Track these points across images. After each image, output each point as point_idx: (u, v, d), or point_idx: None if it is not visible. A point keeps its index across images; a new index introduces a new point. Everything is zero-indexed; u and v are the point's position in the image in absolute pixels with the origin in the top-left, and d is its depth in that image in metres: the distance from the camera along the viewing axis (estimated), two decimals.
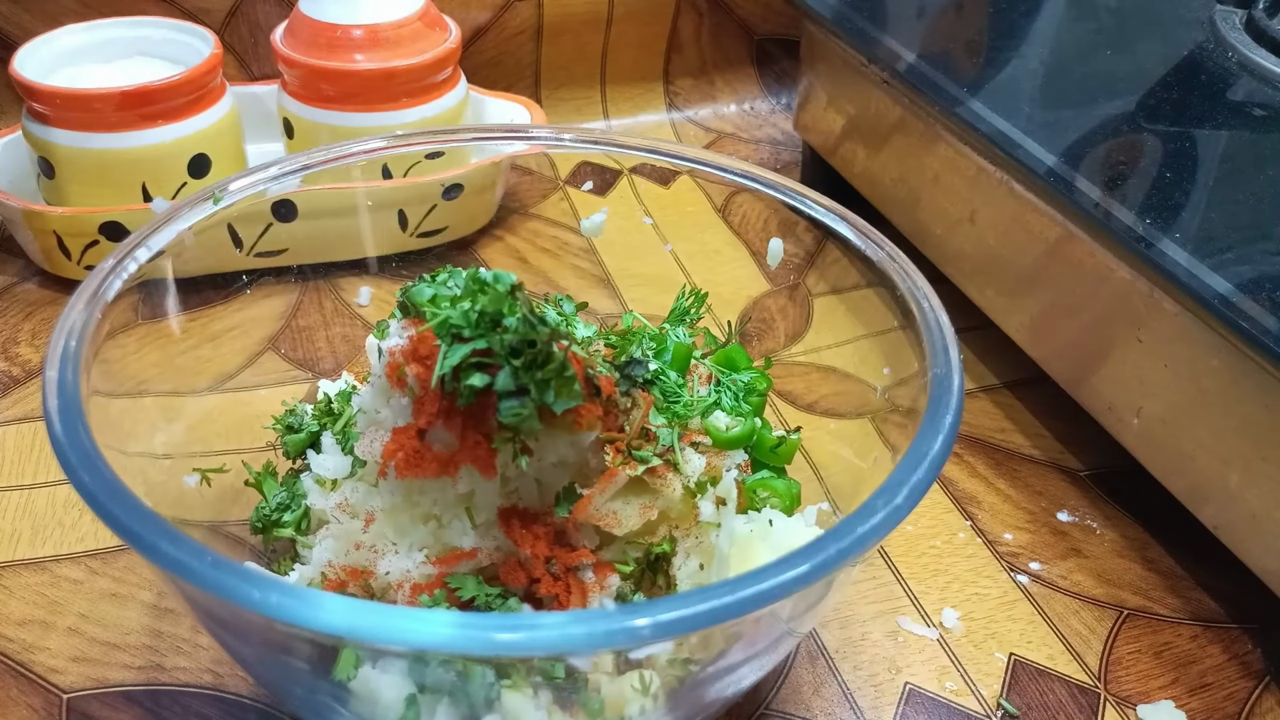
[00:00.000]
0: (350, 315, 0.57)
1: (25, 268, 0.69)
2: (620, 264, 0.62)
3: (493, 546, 0.39)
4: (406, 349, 0.37)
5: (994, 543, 0.54)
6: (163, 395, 0.46)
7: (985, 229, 0.60)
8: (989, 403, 0.63)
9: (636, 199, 0.63)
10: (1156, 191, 0.51)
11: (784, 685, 0.46)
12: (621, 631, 0.29)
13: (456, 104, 0.72)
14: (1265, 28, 0.62)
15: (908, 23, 0.71)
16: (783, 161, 0.88)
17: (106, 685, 0.45)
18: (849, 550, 0.32)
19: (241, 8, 0.81)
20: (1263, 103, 0.58)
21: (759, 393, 0.49)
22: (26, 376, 0.61)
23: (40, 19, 0.76)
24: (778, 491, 0.46)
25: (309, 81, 0.69)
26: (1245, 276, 0.46)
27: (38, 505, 0.53)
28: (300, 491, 0.47)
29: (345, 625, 0.29)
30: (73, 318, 0.39)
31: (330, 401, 0.50)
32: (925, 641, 0.49)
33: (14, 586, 0.49)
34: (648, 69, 0.93)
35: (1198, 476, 0.49)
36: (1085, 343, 0.55)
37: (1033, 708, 0.46)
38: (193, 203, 0.46)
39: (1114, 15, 0.68)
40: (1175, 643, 0.50)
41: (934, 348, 0.40)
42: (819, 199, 0.48)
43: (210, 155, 0.67)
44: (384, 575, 0.39)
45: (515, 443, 0.37)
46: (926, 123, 0.63)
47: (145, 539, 0.31)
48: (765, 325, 0.55)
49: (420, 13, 0.70)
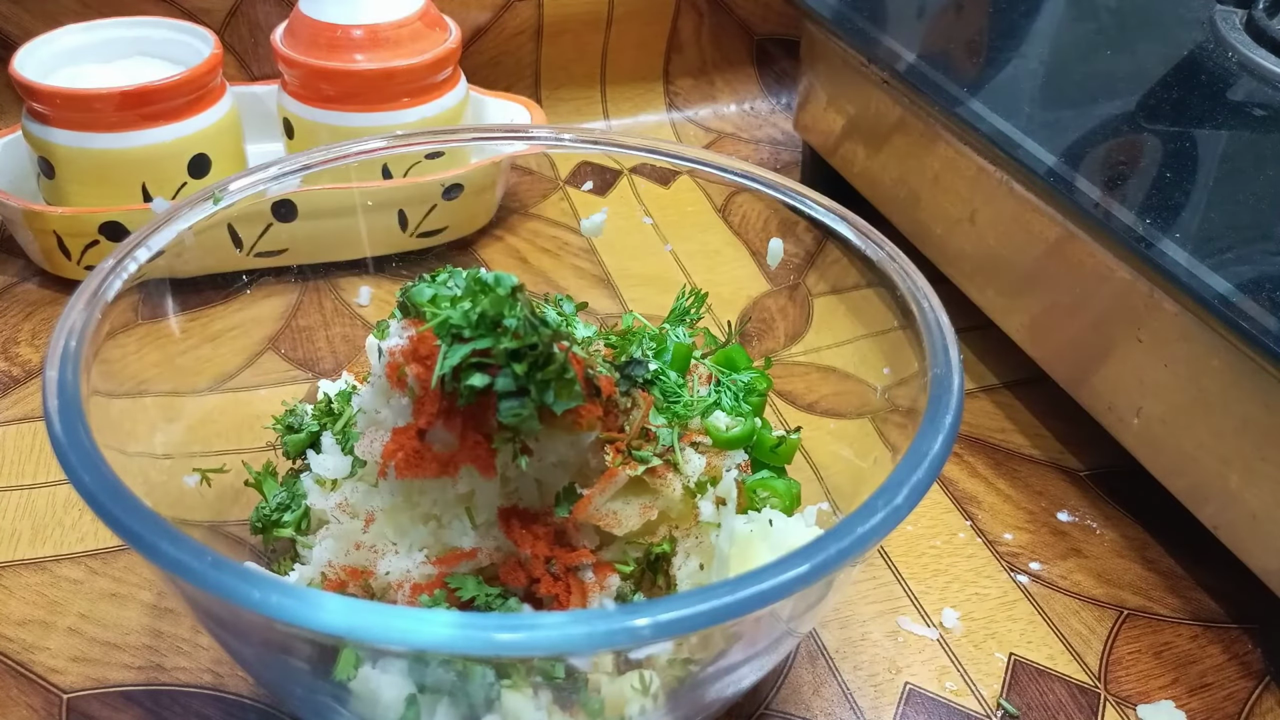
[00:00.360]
0: (350, 315, 0.57)
1: (25, 268, 0.69)
2: (620, 264, 0.62)
3: (493, 546, 0.39)
4: (406, 349, 0.37)
5: (994, 543, 0.54)
6: (163, 395, 0.46)
7: (985, 229, 0.60)
8: (989, 403, 0.63)
9: (636, 199, 0.63)
10: (1156, 191, 0.51)
11: (784, 685, 0.46)
12: (621, 631, 0.29)
13: (456, 104, 0.72)
14: (1265, 28, 0.62)
15: (908, 23, 0.71)
16: (783, 161, 0.88)
17: (106, 685, 0.45)
18: (849, 550, 0.32)
19: (241, 8, 0.81)
20: (1263, 103, 0.58)
21: (759, 393, 0.49)
22: (26, 376, 0.61)
23: (40, 19, 0.76)
24: (778, 491, 0.46)
25: (309, 81, 0.69)
26: (1245, 276, 0.46)
27: (38, 505, 0.53)
28: (300, 491, 0.47)
29: (345, 625, 0.29)
30: (73, 318, 0.39)
31: (330, 401, 0.50)
32: (925, 641, 0.49)
33: (14, 586, 0.49)
34: (648, 69, 0.93)
35: (1198, 476, 0.49)
36: (1085, 343, 0.55)
37: (1033, 708, 0.46)
38: (193, 203, 0.46)
39: (1114, 15, 0.68)
40: (1175, 643, 0.50)
41: (934, 348, 0.40)
42: (819, 199, 0.48)
43: (210, 155, 0.67)
44: (384, 575, 0.39)
45: (515, 443, 0.37)
46: (926, 123, 0.63)
47: (145, 539, 0.31)
48: (765, 325, 0.55)
49: (420, 13, 0.70)
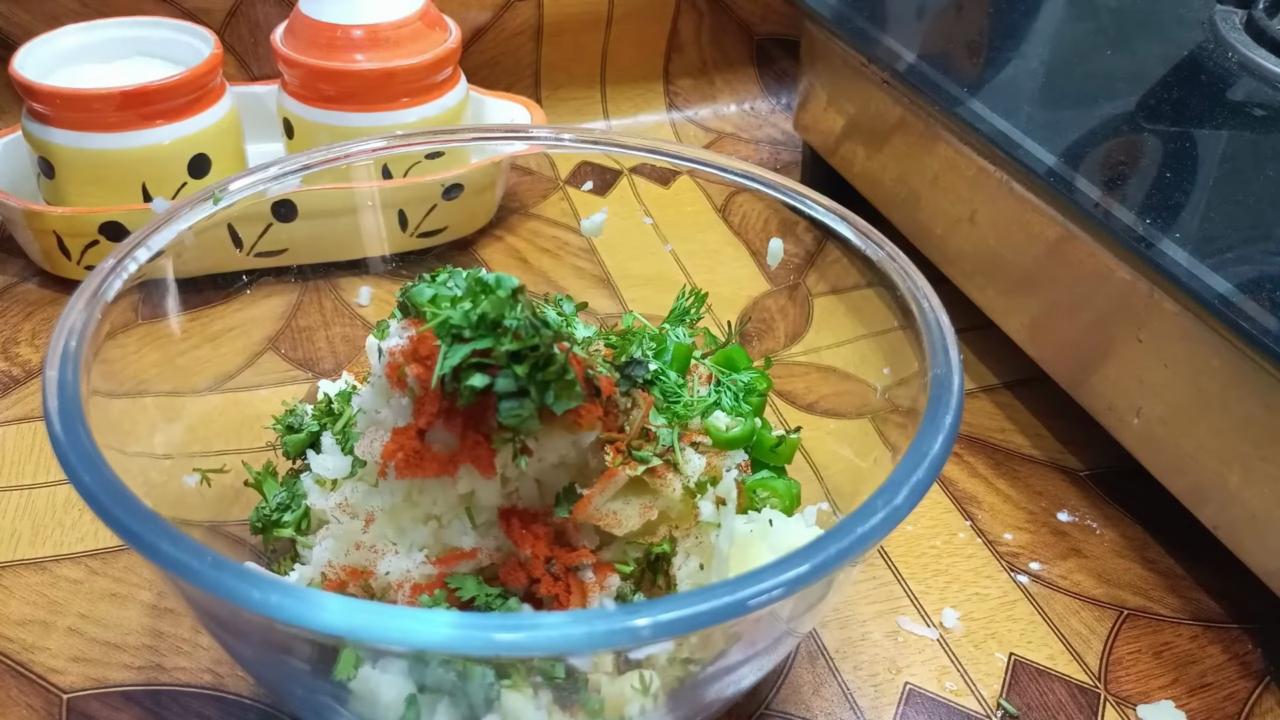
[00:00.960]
0: (350, 315, 0.57)
1: (25, 268, 0.69)
2: (620, 264, 0.62)
3: (493, 546, 0.39)
4: (406, 349, 0.37)
5: (994, 543, 0.54)
6: (163, 395, 0.46)
7: (985, 229, 0.60)
8: (989, 403, 0.63)
9: (636, 199, 0.63)
10: (1156, 191, 0.51)
11: (784, 685, 0.46)
12: (621, 631, 0.29)
13: (456, 104, 0.72)
14: (1265, 28, 0.62)
15: (908, 23, 0.71)
16: (783, 161, 0.88)
17: (106, 685, 0.45)
18: (849, 550, 0.32)
19: (241, 8, 0.81)
20: (1263, 103, 0.58)
21: (759, 393, 0.49)
22: (26, 376, 0.61)
23: (40, 19, 0.76)
24: (778, 491, 0.46)
25: (309, 81, 0.69)
26: (1245, 276, 0.46)
27: (38, 505, 0.53)
28: (300, 491, 0.47)
29: (345, 625, 0.29)
30: (73, 318, 0.39)
31: (330, 401, 0.50)
32: (925, 641, 0.49)
33: (14, 586, 0.49)
34: (648, 69, 0.93)
35: (1198, 476, 0.49)
36: (1085, 343, 0.55)
37: (1033, 708, 0.46)
38: (193, 203, 0.46)
39: (1114, 15, 0.68)
40: (1175, 643, 0.50)
41: (934, 348, 0.40)
42: (819, 199, 0.48)
43: (210, 155, 0.67)
44: (384, 575, 0.39)
45: (515, 443, 0.37)
46: (926, 123, 0.63)
47: (145, 539, 0.31)
48: (765, 325, 0.55)
49: (420, 13, 0.70)
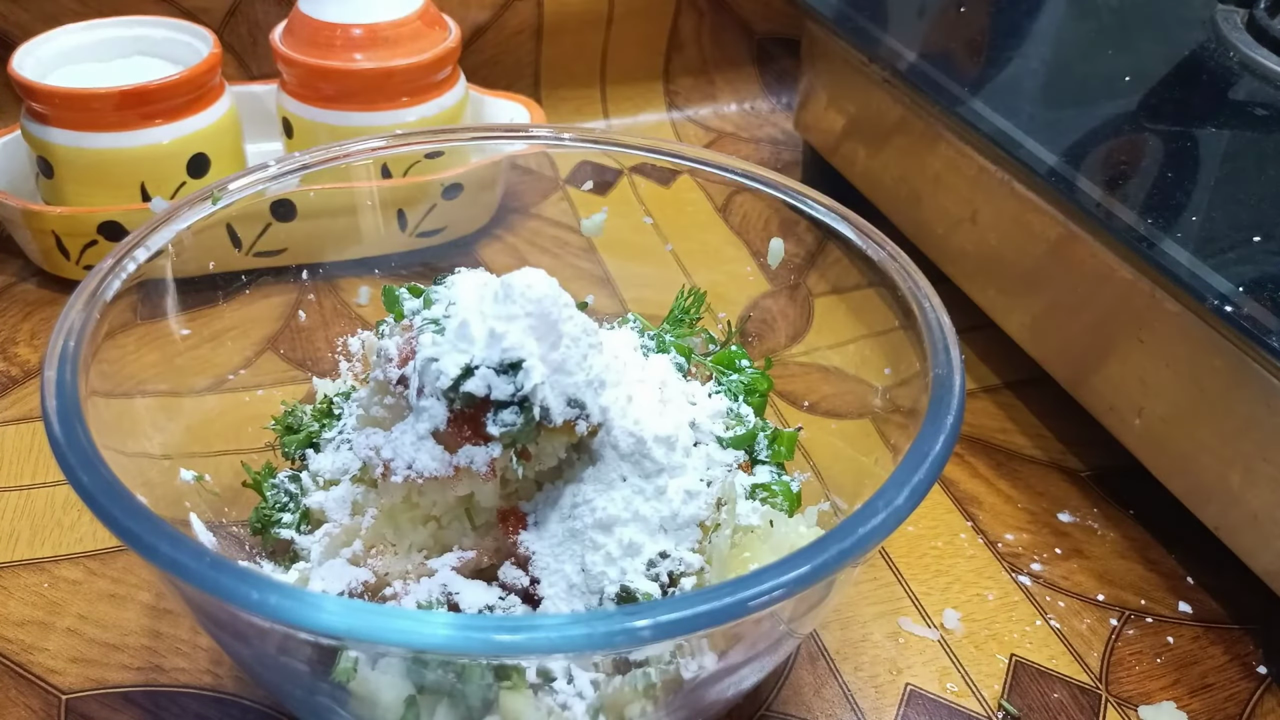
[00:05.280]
0: (350, 315, 0.57)
1: (24, 268, 0.69)
2: (620, 264, 0.62)
3: (492, 547, 0.39)
4: (406, 351, 0.37)
5: (995, 543, 0.54)
6: (161, 395, 0.46)
7: (986, 229, 0.60)
8: (990, 403, 0.63)
9: (636, 199, 0.62)
10: (1158, 191, 0.51)
11: (785, 686, 0.46)
12: (621, 632, 0.29)
13: (456, 103, 0.72)
14: (1267, 27, 0.62)
15: (909, 22, 0.70)
16: (783, 161, 0.88)
17: (105, 686, 0.45)
18: (850, 551, 0.32)
19: (241, 7, 0.81)
20: (1264, 102, 0.57)
21: (759, 393, 0.49)
22: (25, 376, 0.61)
23: (40, 18, 0.76)
24: (778, 492, 0.46)
25: (308, 81, 0.69)
26: (1247, 276, 0.46)
27: (37, 505, 0.53)
28: (299, 491, 0.46)
29: (345, 626, 0.29)
30: (71, 318, 0.39)
31: (330, 401, 0.49)
32: (926, 642, 0.49)
33: (13, 587, 0.49)
34: (648, 68, 0.93)
35: (1199, 477, 0.49)
36: (1086, 343, 0.54)
37: (1034, 709, 0.46)
38: (191, 202, 0.46)
39: (1115, 15, 0.68)
40: (1177, 644, 0.49)
41: (935, 348, 0.40)
42: (820, 199, 0.48)
43: (209, 155, 0.67)
44: (383, 576, 0.39)
45: (514, 448, 0.37)
46: (927, 122, 0.63)
47: (144, 539, 0.31)
48: (765, 325, 0.55)
49: (420, 12, 0.70)
